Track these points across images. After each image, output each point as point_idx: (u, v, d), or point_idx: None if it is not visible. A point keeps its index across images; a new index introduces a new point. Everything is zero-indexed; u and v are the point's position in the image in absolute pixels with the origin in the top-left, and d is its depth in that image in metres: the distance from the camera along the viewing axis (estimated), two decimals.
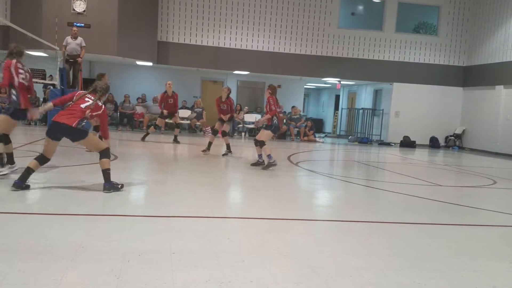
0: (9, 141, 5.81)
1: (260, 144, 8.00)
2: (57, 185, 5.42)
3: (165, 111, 11.70)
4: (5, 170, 5.69)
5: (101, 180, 5.09)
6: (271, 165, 7.88)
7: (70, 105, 5.13)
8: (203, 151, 9.62)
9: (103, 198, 4.80)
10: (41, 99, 15.53)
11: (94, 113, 5.22)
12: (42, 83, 15.40)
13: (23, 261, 2.81)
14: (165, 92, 11.73)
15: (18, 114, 5.74)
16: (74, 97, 5.22)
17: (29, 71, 5.95)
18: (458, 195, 7.08)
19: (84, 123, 5.20)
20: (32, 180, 5.06)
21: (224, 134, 9.76)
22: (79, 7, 14.30)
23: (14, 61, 5.66)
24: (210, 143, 9.65)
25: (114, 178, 5.19)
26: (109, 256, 3.01)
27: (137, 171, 7.31)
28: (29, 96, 5.89)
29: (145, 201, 5.14)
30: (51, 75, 15.39)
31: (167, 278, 2.70)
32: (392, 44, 17.86)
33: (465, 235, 4.35)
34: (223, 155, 9.56)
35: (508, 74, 15.68)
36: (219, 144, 10.77)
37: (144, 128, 15.78)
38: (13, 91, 5.63)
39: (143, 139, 11.87)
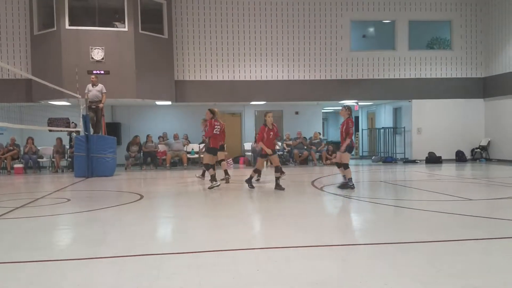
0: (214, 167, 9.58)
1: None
2: (85, 228, 5.50)
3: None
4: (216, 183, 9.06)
5: (127, 220, 5.12)
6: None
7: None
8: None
9: (130, 239, 4.83)
10: (67, 146, 15.93)
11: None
12: (67, 130, 15.84)
13: None
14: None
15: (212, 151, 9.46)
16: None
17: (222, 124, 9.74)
18: (490, 208, 6.88)
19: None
20: (62, 226, 5.13)
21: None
22: (98, 55, 14.81)
23: (213, 120, 9.28)
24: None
25: (142, 216, 5.23)
26: None
27: (163, 208, 7.36)
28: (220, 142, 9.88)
29: (171, 238, 5.15)
30: (74, 123, 15.82)
31: None
32: (407, 62, 17.82)
33: (501, 249, 4.20)
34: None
35: None
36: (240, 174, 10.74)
37: (167, 165, 15.97)
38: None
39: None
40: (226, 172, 10.63)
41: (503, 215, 6.01)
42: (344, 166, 8.87)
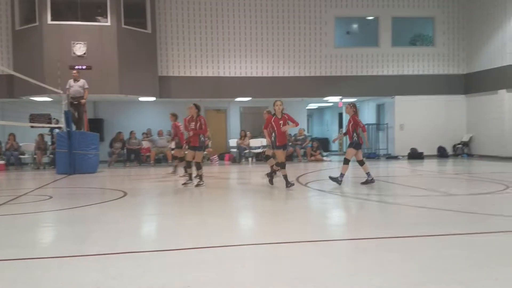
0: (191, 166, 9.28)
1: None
2: (68, 226, 5.44)
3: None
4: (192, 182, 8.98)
5: (111, 217, 5.09)
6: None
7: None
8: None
9: (114, 236, 4.79)
10: (49, 143, 15.70)
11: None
12: (48, 127, 15.60)
13: None
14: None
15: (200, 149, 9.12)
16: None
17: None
18: (471, 203, 7.00)
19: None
20: (44, 224, 5.06)
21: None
22: (79, 50, 14.61)
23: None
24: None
25: (126, 214, 5.19)
26: None
27: (146, 206, 7.31)
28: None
29: (155, 235, 5.12)
30: (55, 119, 15.60)
31: None
32: (390, 59, 17.99)
33: (482, 243, 4.28)
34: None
35: (509, 77, 15.69)
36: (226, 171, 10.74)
37: (152, 162, 15.85)
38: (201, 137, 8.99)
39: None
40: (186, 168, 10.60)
41: (482, 210, 6.13)
42: (345, 161, 8.98)
